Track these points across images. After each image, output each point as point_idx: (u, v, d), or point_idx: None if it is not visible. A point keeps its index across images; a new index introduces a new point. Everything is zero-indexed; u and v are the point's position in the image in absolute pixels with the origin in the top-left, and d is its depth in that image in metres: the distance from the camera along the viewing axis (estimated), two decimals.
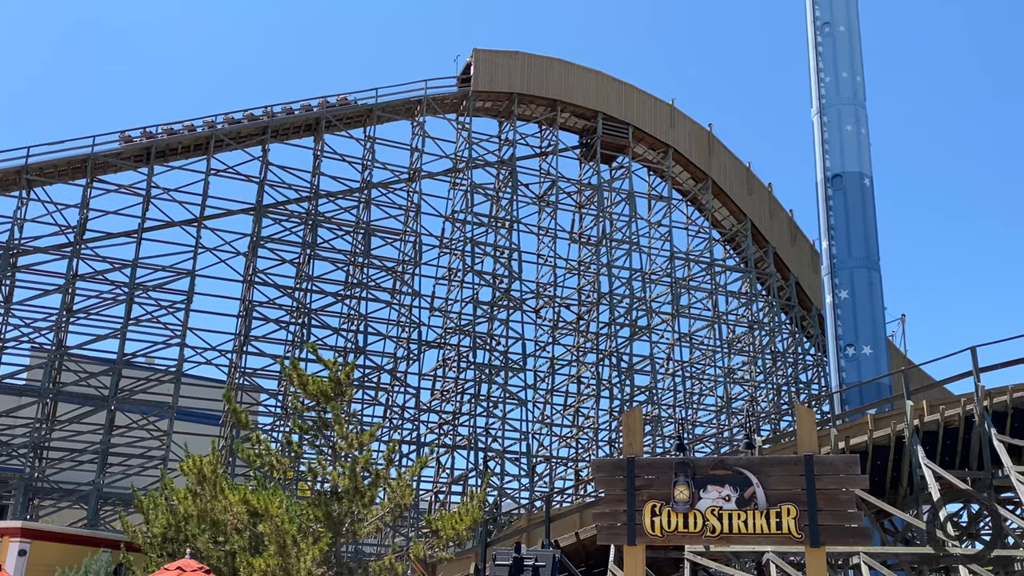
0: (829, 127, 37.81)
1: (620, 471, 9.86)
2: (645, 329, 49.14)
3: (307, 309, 42.19)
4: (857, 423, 27.38)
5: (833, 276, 36.06)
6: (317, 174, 43.94)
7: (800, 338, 54.27)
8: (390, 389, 43.73)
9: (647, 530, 9.52)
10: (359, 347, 42.21)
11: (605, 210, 49.90)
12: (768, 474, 9.43)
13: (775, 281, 52.81)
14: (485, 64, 47.93)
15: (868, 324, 35.03)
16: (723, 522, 9.34)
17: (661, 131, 51.48)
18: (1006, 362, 25.28)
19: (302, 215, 43.39)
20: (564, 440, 50.14)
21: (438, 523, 17.14)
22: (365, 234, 43.84)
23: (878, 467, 25.21)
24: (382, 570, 16.44)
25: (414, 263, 44.32)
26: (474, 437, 43.91)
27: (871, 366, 34.07)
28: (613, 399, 47.72)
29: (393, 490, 16.82)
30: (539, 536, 24.74)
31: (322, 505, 16.50)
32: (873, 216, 36.88)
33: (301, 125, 44.41)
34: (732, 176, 53.14)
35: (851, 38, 39.02)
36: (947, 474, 23.26)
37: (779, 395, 52.67)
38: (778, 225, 53.95)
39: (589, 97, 50.04)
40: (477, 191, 47.35)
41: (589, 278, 50.50)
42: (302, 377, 17.91)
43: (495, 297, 46.37)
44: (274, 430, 40.84)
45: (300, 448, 19.07)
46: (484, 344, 45.50)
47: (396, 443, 28.27)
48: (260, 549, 16.52)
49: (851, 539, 9.35)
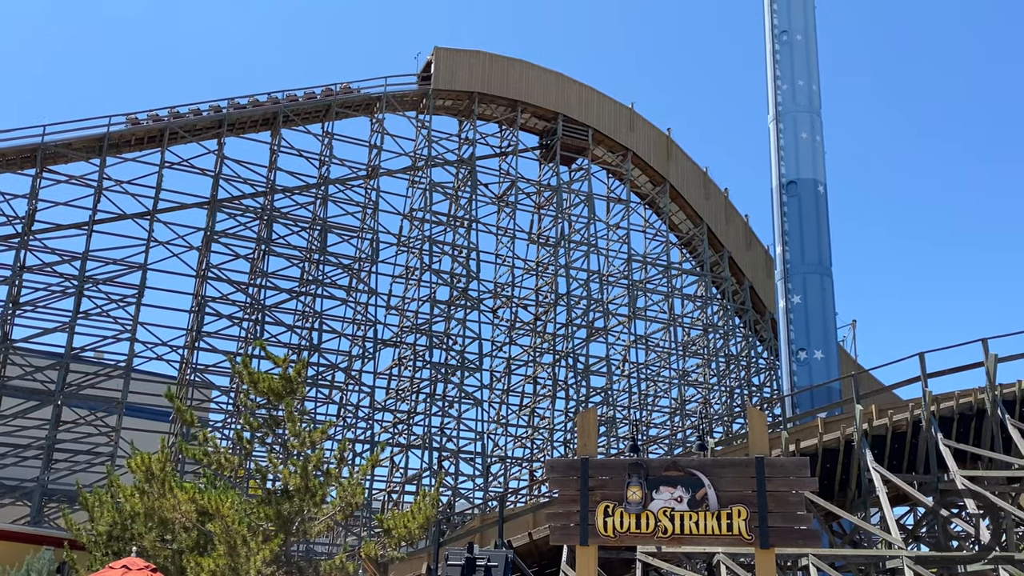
0: (785, 134, 38.26)
1: (574, 471, 9.85)
2: (602, 331, 49.37)
3: (261, 305, 41.72)
4: (808, 426, 27.76)
5: (786, 281, 36.50)
6: (273, 169, 43.49)
7: (753, 342, 54.90)
8: (344, 387, 43.40)
9: (600, 531, 9.52)
10: (313, 345, 41.83)
11: (564, 211, 50.03)
12: (720, 476, 9.48)
13: (730, 285, 53.37)
14: (446, 62, 47.80)
15: (820, 329, 35.51)
16: (675, 523, 9.36)
17: (621, 134, 51.76)
18: (953, 368, 25.83)
19: (257, 210, 42.90)
20: (519, 440, 50.20)
21: (390, 522, 17.02)
22: (321, 231, 43.47)
23: (827, 470, 25.57)
24: (333, 569, 16.26)
25: (371, 261, 44.04)
26: (429, 437, 43.75)
27: (822, 370, 34.53)
28: (569, 400, 47.87)
29: (345, 489, 16.64)
30: (492, 536, 24.70)
31: (272, 504, 16.27)
32: (826, 223, 37.40)
33: (258, 119, 43.90)
34: (690, 180, 53.60)
35: (808, 47, 39.54)
36: (895, 478, 23.65)
37: (732, 397, 53.23)
38: (734, 230, 54.53)
39: (549, 98, 50.14)
40: (436, 190, 47.19)
41: (547, 279, 50.61)
42: (252, 375, 17.66)
43: (452, 296, 46.25)
44: (226, 427, 40.35)
45: (251, 446, 18.80)
46: (441, 343, 45.36)
47: (349, 442, 28.07)
48: (209, 548, 16.26)
49: (800, 541, 9.42)
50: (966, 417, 25.77)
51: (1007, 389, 25.83)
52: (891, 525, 22.10)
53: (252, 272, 42.60)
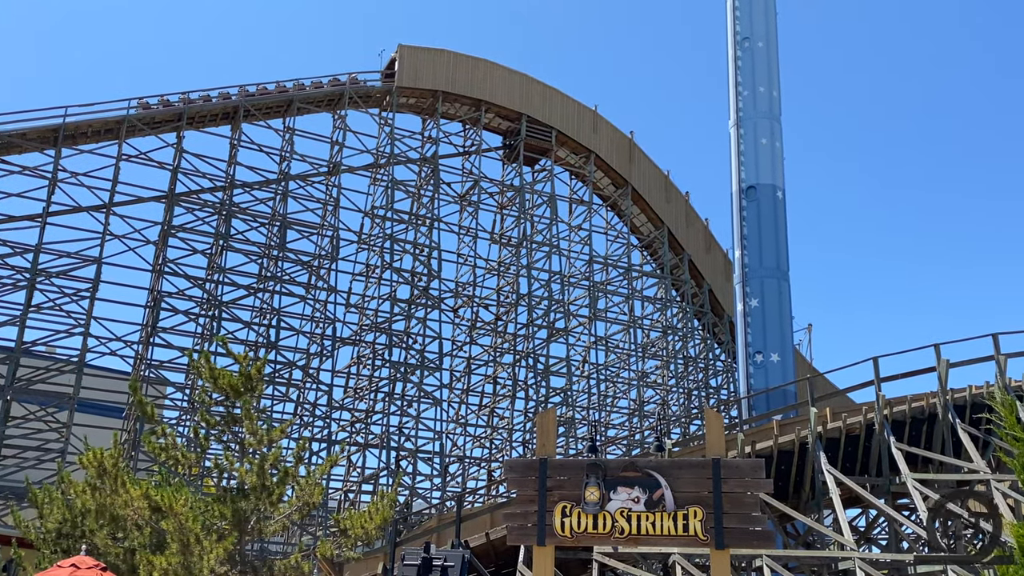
0: (745, 139, 38.63)
1: (533, 472, 9.86)
2: (562, 331, 49.50)
3: (218, 301, 41.23)
4: (763, 428, 28.08)
5: (745, 285, 36.86)
6: (233, 163, 42.99)
7: (711, 344, 55.39)
8: (302, 385, 43.02)
9: (557, 531, 9.53)
10: (271, 342, 41.43)
11: (526, 212, 50.09)
12: (677, 476, 9.53)
13: (689, 288, 53.80)
14: (410, 60, 47.61)
15: (776, 332, 35.91)
16: (631, 523, 9.40)
17: (584, 136, 51.95)
18: (906, 373, 26.30)
19: (216, 205, 42.38)
20: (478, 440, 50.15)
21: (347, 522, 16.90)
22: (281, 227, 43.06)
23: (782, 472, 25.88)
24: (288, 569, 16.11)
25: (331, 258, 43.70)
26: (387, 436, 43.52)
27: (778, 373, 34.92)
28: (528, 400, 47.92)
29: (302, 488, 16.51)
30: (449, 536, 24.65)
31: (228, 502, 16.08)
32: (784, 228, 37.84)
33: (218, 113, 43.37)
34: (651, 183, 53.94)
35: (769, 54, 39.97)
36: (848, 480, 24.02)
37: (690, 399, 53.67)
38: (694, 233, 54.98)
39: (513, 99, 50.17)
40: (398, 187, 46.98)
41: (508, 279, 50.63)
42: (212, 370, 17.45)
43: (413, 295, 46.07)
44: (180, 424, 39.79)
45: (207, 443, 18.57)
46: (400, 342, 45.16)
47: (307, 440, 27.86)
48: (162, 547, 16.03)
49: (755, 542, 9.50)
50: (918, 421, 26.25)
51: (958, 394, 26.35)
52: (844, 527, 22.43)
53: (210, 267, 42.07)
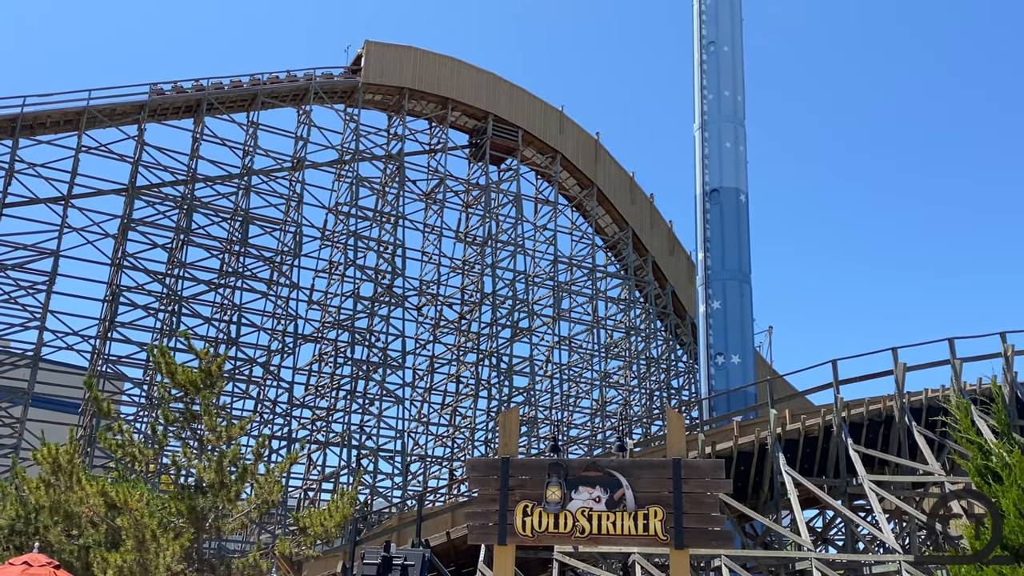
0: (710, 143, 38.92)
1: (494, 471, 9.83)
2: (526, 331, 49.53)
3: (178, 296, 40.71)
4: (724, 429, 28.31)
5: (707, 287, 37.15)
6: (195, 157, 42.47)
7: (674, 345, 55.75)
8: (262, 382, 42.61)
9: (518, 530, 9.51)
10: (232, 338, 40.99)
11: (492, 211, 50.05)
12: (638, 476, 9.56)
13: (653, 289, 54.10)
14: (376, 56, 47.35)
15: (738, 334, 36.24)
16: (592, 523, 9.41)
17: (550, 136, 52.01)
18: (864, 376, 26.66)
19: (177, 199, 41.84)
20: (440, 439, 50.03)
21: (306, 520, 16.77)
22: (243, 222, 42.61)
23: (742, 472, 26.12)
24: (246, 567, 15.94)
25: (293, 254, 43.33)
26: (348, 434, 43.26)
27: (739, 375, 35.25)
28: (491, 399, 47.89)
29: (261, 486, 16.34)
30: (410, 535, 24.56)
31: (186, 499, 15.88)
32: (747, 231, 38.20)
33: (181, 106, 42.81)
34: (617, 185, 54.16)
35: (734, 58, 40.31)
36: (806, 481, 24.29)
37: (652, 400, 53.98)
38: (658, 235, 55.30)
39: (480, 97, 50.09)
40: (363, 184, 46.70)
41: (473, 278, 50.56)
42: (171, 365, 17.22)
43: (376, 293, 45.82)
44: (137, 421, 39.25)
45: (165, 439, 18.32)
46: (363, 340, 44.90)
47: (266, 438, 27.60)
48: (117, 544, 15.78)
49: (714, 542, 9.55)
50: (875, 423, 26.62)
51: (914, 397, 26.78)
52: (801, 527, 22.69)
53: (170, 262, 41.52)
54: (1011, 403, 25.82)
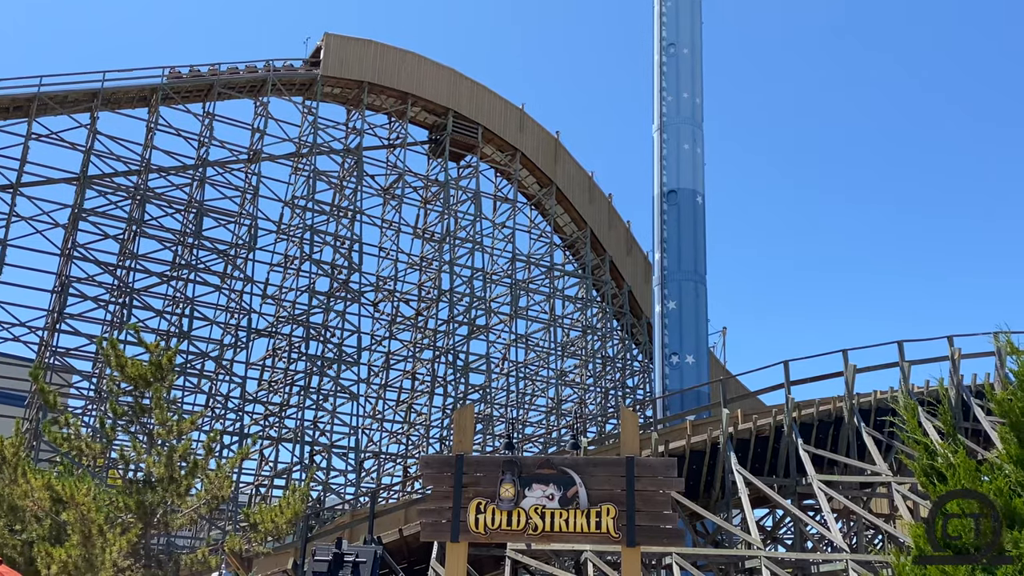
0: (668, 144, 39.16)
1: (449, 468, 9.82)
2: (483, 328, 49.49)
3: (129, 288, 40.01)
4: (677, 428, 28.56)
5: (663, 287, 37.40)
6: (149, 147, 41.76)
7: (629, 345, 56.10)
8: (214, 377, 42.07)
9: (471, 527, 9.51)
10: (184, 331, 40.40)
11: (450, 208, 49.93)
12: (591, 474, 9.60)
13: (610, 289, 54.38)
14: (336, 49, 46.96)
15: (692, 334, 36.52)
16: (545, 520, 9.44)
17: (510, 134, 52.01)
18: (815, 377, 27.04)
19: (130, 189, 41.12)
20: (395, 436, 49.80)
21: (257, 516, 16.60)
22: (197, 214, 41.99)
23: (694, 471, 26.36)
24: (194, 563, 15.74)
25: (248, 247, 42.81)
26: (301, 430, 42.88)
27: (693, 374, 35.52)
28: (447, 396, 47.79)
29: (211, 481, 16.14)
30: (363, 532, 24.42)
31: (134, 494, 15.63)
32: (703, 232, 38.51)
33: (135, 95, 42.05)
34: (575, 184, 54.33)
35: (694, 60, 40.60)
36: (756, 480, 24.59)
37: (607, 398, 54.26)
38: (616, 235, 55.59)
39: (441, 93, 49.92)
40: (320, 178, 46.29)
41: (430, 274, 50.39)
42: (120, 358, 16.95)
43: (332, 288, 45.46)
44: (86, 414, 38.53)
45: (113, 433, 18.01)
46: (318, 335, 44.53)
47: (218, 433, 27.27)
48: (62, 539, 15.48)
49: (665, 540, 9.63)
50: (825, 424, 27.03)
51: (863, 398, 27.22)
52: (751, 526, 22.96)
53: (121, 253, 40.80)
54: (957, 405, 26.40)
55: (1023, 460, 8.48)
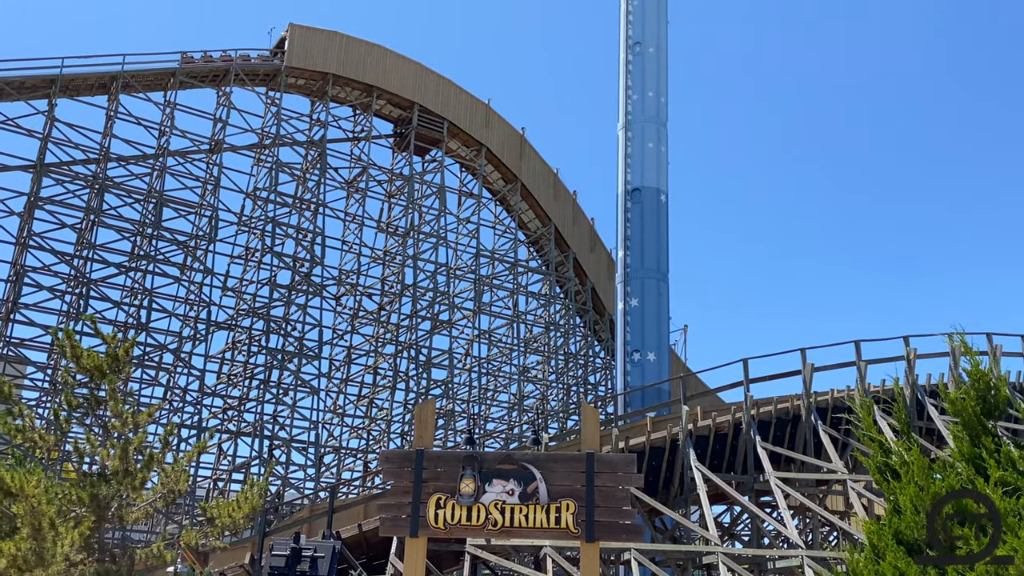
0: (633, 143, 39.35)
1: (409, 463, 9.79)
2: (446, 324, 49.40)
3: (86, 279, 39.37)
4: (637, 425, 28.72)
5: (626, 284, 37.60)
6: (108, 136, 41.09)
7: (592, 341, 56.34)
8: (173, 370, 41.53)
9: (431, 522, 9.49)
10: (142, 323, 39.84)
11: (415, 202, 49.74)
12: (552, 470, 9.62)
13: (573, 286, 54.56)
14: (301, 40, 46.55)
15: (654, 332, 36.76)
16: (505, 516, 9.44)
17: (476, 129, 51.94)
18: (773, 375, 27.34)
19: (88, 178, 40.45)
20: (355, 431, 49.56)
21: (214, 511, 16.41)
22: (157, 204, 41.42)
23: (653, 467, 26.53)
24: (149, 557, 15.52)
25: (208, 239, 42.31)
26: (260, 424, 42.51)
27: (654, 371, 35.77)
28: (409, 392, 47.63)
29: (167, 475, 15.92)
30: (321, 527, 24.28)
31: (88, 487, 15.37)
32: (666, 230, 38.77)
33: (94, 82, 41.35)
34: (540, 180, 54.41)
35: (659, 60, 40.84)
36: (715, 477, 24.80)
37: (569, 395, 54.46)
38: (580, 232, 55.77)
39: (406, 87, 49.70)
40: (283, 170, 45.86)
41: (394, 269, 50.18)
42: (76, 349, 16.64)
43: (294, 281, 45.09)
44: (40, 406, 37.86)
45: (68, 425, 17.70)
46: (278, 329, 44.15)
47: (175, 426, 26.94)
48: (13, 532, 15.18)
49: (624, 535, 9.68)
50: (783, 421, 27.35)
51: (821, 397, 27.58)
52: (709, 522, 23.17)
53: (78, 243, 40.13)
54: (911, 404, 26.86)
55: (975, 458, 8.63)
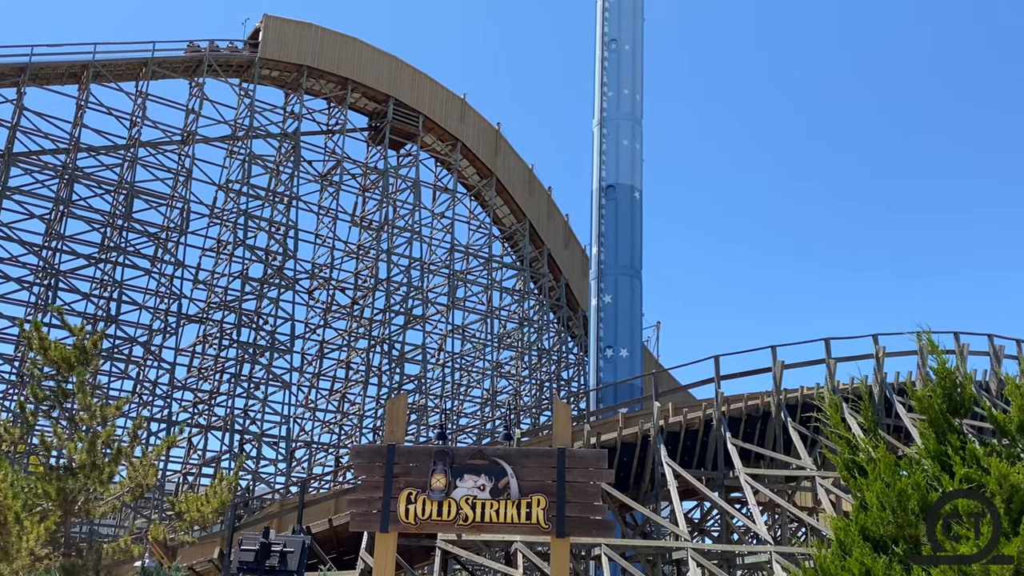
0: (608, 139, 39.44)
1: (380, 457, 9.76)
2: (420, 318, 49.27)
3: (55, 270, 38.87)
4: (609, 421, 28.82)
5: (600, 281, 37.70)
6: (79, 126, 40.57)
7: (565, 337, 56.45)
8: (142, 363, 41.11)
9: (401, 517, 9.47)
10: (111, 316, 39.39)
11: (389, 196, 49.55)
12: (523, 465, 9.63)
13: (547, 281, 54.62)
14: (275, 31, 46.18)
15: (627, 328, 36.90)
16: (476, 511, 9.44)
17: (451, 124, 51.80)
18: (744, 372, 27.55)
19: (58, 168, 39.91)
20: (327, 426, 49.33)
21: (182, 505, 16.28)
22: (128, 195, 40.94)
23: (624, 463, 26.65)
24: (116, 552, 15.37)
25: (180, 231, 41.91)
26: (231, 418, 42.20)
27: (627, 368, 35.91)
28: (382, 387, 47.47)
29: (136, 469, 15.77)
30: (291, 522, 24.18)
31: (54, 480, 15.19)
32: (640, 227, 38.91)
33: (64, 71, 40.79)
34: (516, 176, 54.38)
35: (635, 57, 40.95)
36: (685, 473, 24.95)
37: (542, 390, 54.53)
38: (554, 228, 55.83)
39: (382, 80, 49.46)
40: (256, 162, 45.46)
41: (368, 263, 49.97)
42: (43, 341, 16.43)
43: (266, 274, 44.77)
44: (6, 398, 37.37)
45: (34, 418, 17.47)
46: (250, 322, 43.83)
47: (144, 420, 26.70)
48: None
49: (594, 531, 9.71)
50: (753, 418, 27.56)
51: (791, 394, 27.82)
52: (679, 518, 23.30)
53: (47, 234, 39.61)
54: (880, 402, 27.16)
55: (940, 455, 8.74)
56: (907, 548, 8.25)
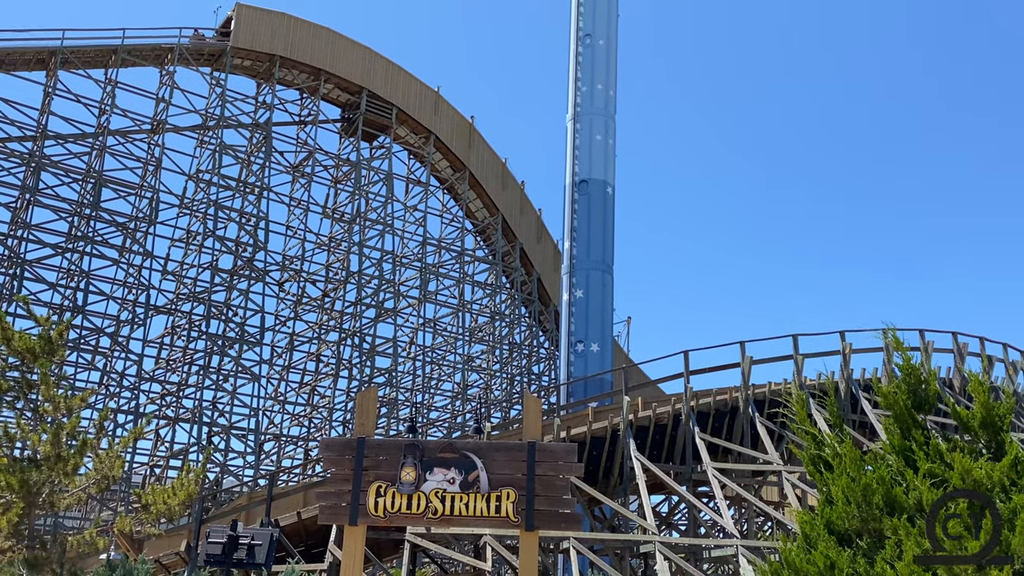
0: (581, 134, 39.50)
1: (349, 450, 9.73)
2: (391, 312, 49.13)
3: (21, 260, 38.32)
4: (579, 415, 28.93)
5: (572, 276, 37.79)
6: (46, 113, 39.99)
7: (537, 332, 56.55)
8: (110, 354, 40.67)
9: (370, 510, 9.45)
10: (78, 306, 38.93)
11: (362, 188, 49.32)
12: (493, 459, 9.65)
13: (519, 276, 54.66)
14: (247, 20, 45.75)
15: (598, 323, 37.03)
16: (446, 504, 9.44)
17: (425, 116, 51.63)
18: (713, 367, 27.75)
19: (24, 156, 39.32)
20: (296, 419, 49.09)
21: (149, 497, 16.15)
22: (96, 184, 40.45)
23: (594, 457, 26.76)
24: (81, 544, 15.22)
25: (149, 221, 41.47)
26: (199, 411, 41.86)
27: (597, 362, 36.04)
28: (352, 380, 47.31)
29: (101, 460, 15.62)
30: (260, 515, 24.07)
31: (17, 472, 15.00)
32: (612, 223, 39.04)
33: (32, 58, 40.18)
34: (489, 170, 54.33)
35: (609, 53, 41.02)
36: (654, 467, 25.12)
37: (513, 384, 54.61)
38: (527, 222, 55.87)
39: (355, 71, 49.18)
40: (227, 152, 45.08)
41: (339, 255, 49.73)
42: (8, 331, 16.21)
43: (236, 266, 44.42)
44: None
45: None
46: (219, 314, 43.47)
47: (111, 411, 26.44)
48: None
49: (563, 524, 9.74)
50: (721, 413, 27.77)
51: (759, 389, 28.06)
52: (647, 512, 23.46)
53: (13, 222, 39.03)
54: (846, 398, 27.48)
55: (905, 450, 8.85)
56: (871, 542, 8.35)
